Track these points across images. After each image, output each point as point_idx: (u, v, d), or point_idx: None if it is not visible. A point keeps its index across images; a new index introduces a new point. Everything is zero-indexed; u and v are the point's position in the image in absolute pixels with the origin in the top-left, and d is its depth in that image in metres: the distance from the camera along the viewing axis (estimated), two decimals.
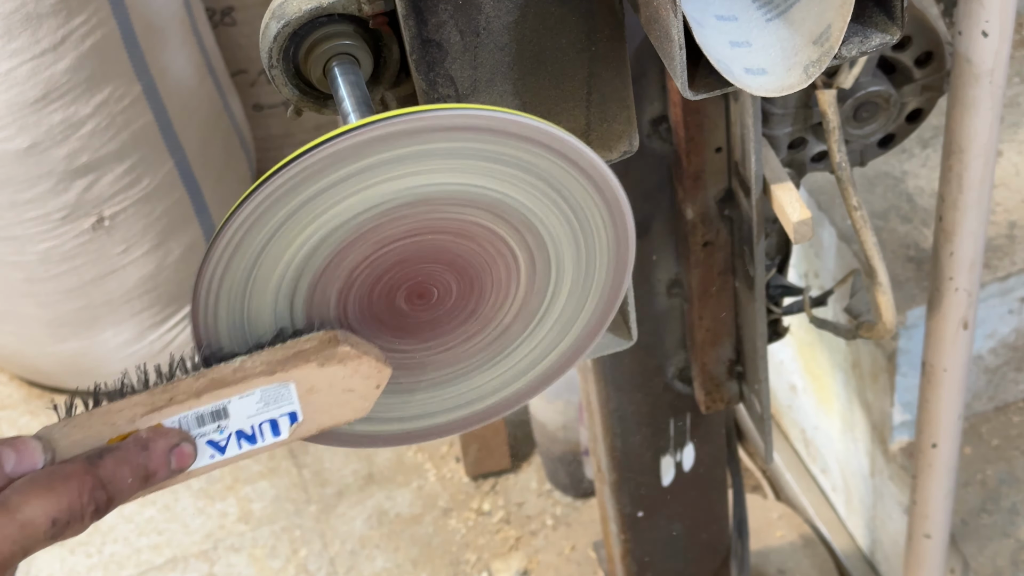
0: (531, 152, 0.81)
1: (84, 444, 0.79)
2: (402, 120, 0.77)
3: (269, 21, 0.90)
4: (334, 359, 0.83)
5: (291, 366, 0.82)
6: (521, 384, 0.95)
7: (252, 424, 0.83)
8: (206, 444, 0.82)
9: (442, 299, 0.88)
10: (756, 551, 1.96)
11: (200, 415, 0.81)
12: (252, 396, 0.82)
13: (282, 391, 0.82)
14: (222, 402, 0.81)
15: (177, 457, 0.81)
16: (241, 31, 2.54)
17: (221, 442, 0.82)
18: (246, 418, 0.82)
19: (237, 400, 0.82)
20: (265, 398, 0.82)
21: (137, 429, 0.80)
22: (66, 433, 0.79)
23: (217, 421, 0.82)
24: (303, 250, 0.82)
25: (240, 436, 0.83)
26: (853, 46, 0.85)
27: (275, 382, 0.82)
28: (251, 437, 0.83)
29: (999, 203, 1.73)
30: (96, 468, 0.77)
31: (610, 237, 0.88)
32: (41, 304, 2.33)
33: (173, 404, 0.80)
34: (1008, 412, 1.81)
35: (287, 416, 0.83)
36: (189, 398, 0.81)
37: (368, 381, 0.85)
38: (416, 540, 2.25)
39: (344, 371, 0.84)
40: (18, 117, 2.06)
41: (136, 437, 0.79)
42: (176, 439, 0.81)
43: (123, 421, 0.80)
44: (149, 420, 0.80)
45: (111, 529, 2.33)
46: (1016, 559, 1.69)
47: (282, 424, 0.83)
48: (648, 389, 1.40)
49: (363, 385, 0.85)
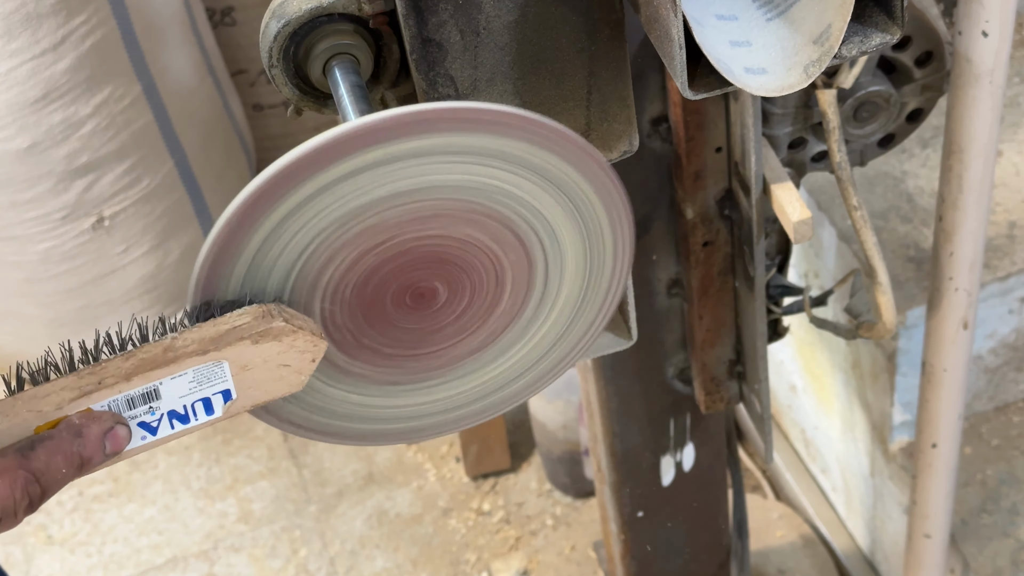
0: (531, 150, 0.81)
1: (10, 433, 0.76)
2: (402, 118, 0.77)
3: (269, 21, 0.90)
4: (269, 335, 0.80)
5: (224, 344, 0.79)
6: (520, 383, 0.95)
7: (184, 404, 0.80)
8: (137, 426, 0.79)
9: (443, 297, 0.88)
10: (756, 551, 1.96)
11: (130, 398, 0.79)
12: (184, 376, 0.79)
13: (215, 370, 0.80)
14: (153, 384, 0.79)
15: (111, 441, 0.78)
16: (241, 31, 2.54)
17: (153, 423, 0.80)
18: (178, 398, 0.80)
19: (169, 381, 0.79)
20: (197, 378, 0.79)
21: (65, 415, 0.77)
22: None
23: (148, 403, 0.79)
24: (303, 247, 0.82)
25: (172, 416, 0.80)
26: (853, 46, 0.85)
27: (208, 361, 0.79)
28: (183, 417, 0.81)
29: (999, 203, 1.73)
30: (28, 461, 0.74)
31: (610, 236, 0.88)
32: (41, 304, 2.33)
33: (102, 388, 0.77)
34: (1008, 412, 1.81)
35: (220, 395, 0.81)
36: (118, 381, 0.78)
37: (304, 355, 0.82)
38: (416, 540, 2.25)
39: (279, 347, 0.80)
40: (18, 117, 2.06)
41: (68, 424, 0.77)
42: (109, 423, 0.78)
43: (50, 407, 0.77)
44: (78, 405, 0.77)
45: (111, 529, 2.33)
46: (1016, 559, 1.69)
47: (215, 402, 0.81)
48: (648, 389, 1.40)
49: (298, 360, 0.82)
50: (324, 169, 0.78)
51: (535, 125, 0.80)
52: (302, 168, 0.77)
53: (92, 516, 2.36)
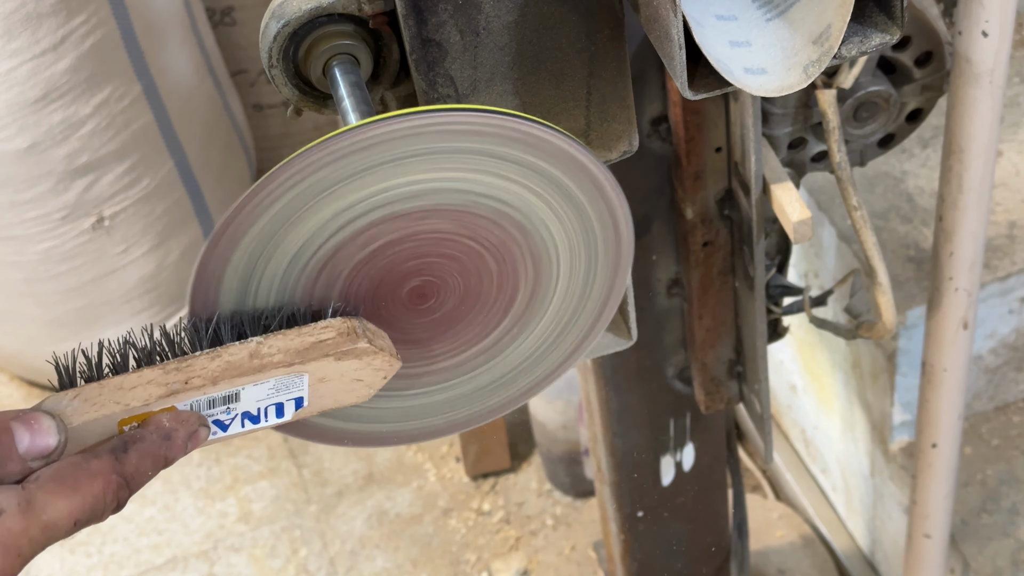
0: (530, 153, 0.82)
1: (96, 426, 0.76)
2: (401, 120, 0.78)
3: (269, 21, 0.90)
4: (352, 354, 0.81)
5: (309, 358, 0.81)
6: (521, 384, 0.95)
7: (259, 407, 0.82)
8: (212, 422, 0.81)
9: (443, 299, 0.88)
10: (756, 551, 1.96)
11: (212, 399, 0.80)
12: (266, 384, 0.81)
13: (295, 380, 0.81)
14: (236, 389, 0.80)
15: (193, 441, 0.79)
16: (241, 31, 2.54)
17: (227, 421, 0.81)
18: (255, 402, 0.81)
19: (251, 387, 0.80)
20: (278, 386, 0.81)
21: (151, 412, 0.78)
22: (76, 408, 0.76)
23: (227, 404, 0.80)
24: (305, 245, 0.82)
25: (246, 416, 0.82)
26: (853, 46, 0.85)
27: (292, 373, 0.81)
28: (255, 418, 0.82)
29: (999, 203, 1.73)
30: (123, 465, 0.75)
31: (609, 237, 0.88)
32: (41, 304, 2.33)
33: (189, 388, 0.79)
34: (1008, 412, 1.81)
35: (293, 401, 0.82)
36: (205, 383, 0.79)
37: (378, 373, 0.83)
38: (416, 540, 2.25)
39: (358, 364, 0.82)
40: (18, 117, 2.06)
41: (159, 425, 0.78)
42: (195, 425, 0.79)
43: (137, 403, 0.77)
44: (163, 403, 0.78)
45: (111, 529, 2.33)
46: (1016, 559, 1.69)
47: (287, 408, 0.82)
48: (648, 389, 1.40)
49: (372, 376, 0.83)
50: (327, 167, 0.78)
51: (532, 130, 0.80)
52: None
53: None
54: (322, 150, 0.77)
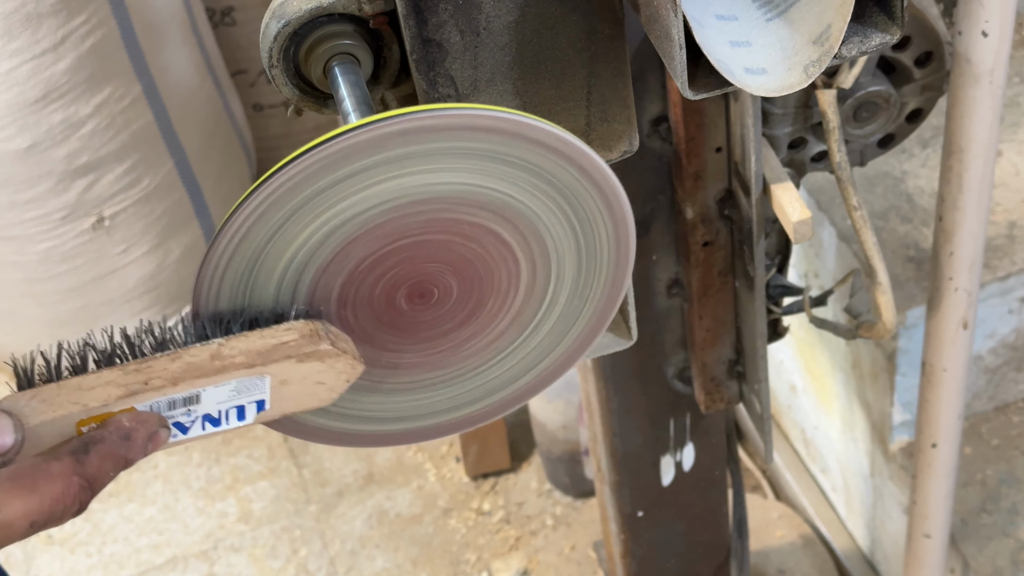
0: (531, 151, 0.82)
1: (54, 427, 0.76)
2: (402, 120, 0.78)
3: (269, 21, 0.90)
4: (314, 356, 0.81)
5: (271, 360, 0.80)
6: (521, 383, 0.95)
7: (220, 409, 0.81)
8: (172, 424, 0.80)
9: (443, 298, 0.88)
10: (756, 551, 1.96)
11: (173, 400, 0.79)
12: (227, 386, 0.80)
13: (257, 382, 0.81)
14: (197, 390, 0.79)
15: (153, 442, 0.79)
16: (241, 31, 2.54)
17: (187, 424, 0.81)
18: (216, 404, 0.81)
19: (212, 388, 0.80)
20: (239, 388, 0.81)
21: (110, 412, 0.77)
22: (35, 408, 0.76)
23: (188, 406, 0.80)
24: (307, 246, 0.82)
25: (206, 419, 0.81)
26: (853, 46, 0.85)
27: (254, 375, 0.80)
28: (215, 421, 0.81)
29: (999, 203, 1.73)
30: (84, 467, 0.75)
31: (610, 237, 0.88)
32: (41, 304, 2.33)
33: (149, 390, 0.78)
34: (1008, 412, 1.81)
35: (255, 403, 0.82)
36: (165, 384, 0.78)
37: (340, 376, 0.83)
38: (416, 540, 2.25)
39: (321, 366, 0.82)
40: (18, 117, 2.06)
41: (118, 426, 0.77)
42: (155, 426, 0.79)
43: (96, 403, 0.77)
44: (122, 404, 0.77)
45: (111, 529, 2.33)
46: (1016, 559, 1.69)
47: (248, 410, 0.82)
48: (648, 389, 1.40)
49: (335, 379, 0.83)
50: (332, 168, 0.78)
51: (533, 130, 0.80)
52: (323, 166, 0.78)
53: (92, 516, 2.36)
54: (322, 150, 0.77)
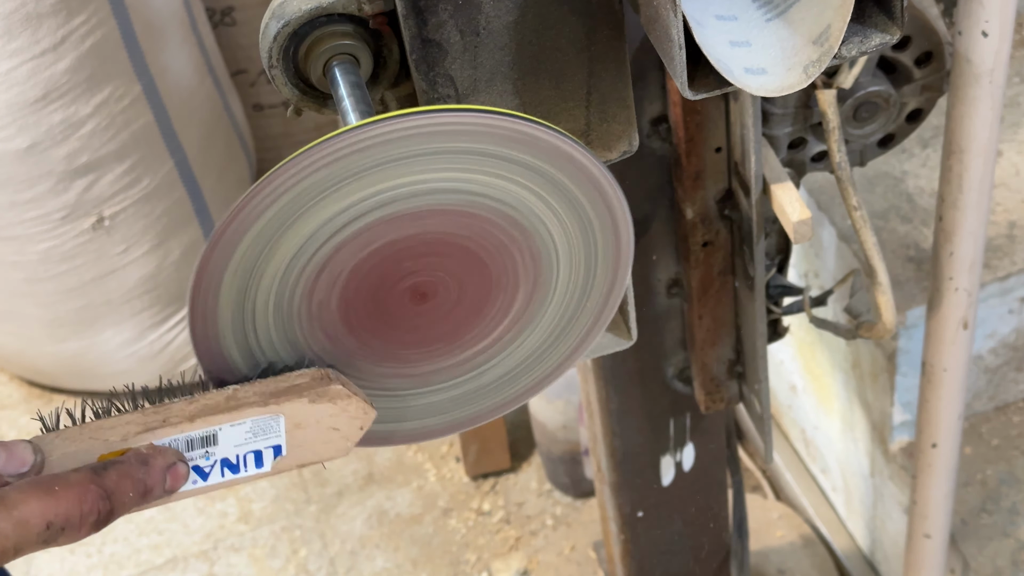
0: (530, 152, 0.82)
1: (76, 457, 0.79)
2: (401, 121, 0.78)
3: (269, 21, 0.90)
4: (326, 396, 0.84)
5: (284, 399, 0.83)
6: (521, 384, 0.95)
7: (238, 453, 0.83)
8: (191, 469, 0.83)
9: (443, 298, 0.88)
10: (756, 551, 1.96)
11: (191, 439, 0.82)
12: (243, 425, 0.83)
13: (272, 423, 0.83)
14: (214, 428, 0.82)
15: (172, 476, 0.81)
16: (241, 31, 2.54)
17: (206, 468, 0.83)
18: (233, 447, 0.83)
19: (228, 428, 0.82)
20: (255, 428, 0.83)
21: (130, 447, 0.80)
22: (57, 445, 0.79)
23: (206, 447, 0.82)
24: (304, 246, 0.82)
25: (224, 464, 0.83)
26: (853, 46, 0.85)
27: (267, 414, 0.83)
28: (235, 467, 0.84)
29: (999, 203, 1.73)
30: (101, 479, 0.77)
31: (609, 237, 0.88)
32: (41, 304, 2.33)
33: (167, 426, 0.81)
34: (1008, 412, 1.81)
35: (272, 449, 0.84)
36: (182, 421, 0.81)
37: (354, 421, 0.85)
38: (416, 540, 2.25)
39: (333, 409, 0.84)
40: (18, 117, 2.06)
41: (136, 452, 0.80)
42: (173, 458, 0.81)
43: (116, 438, 0.80)
44: (141, 439, 0.81)
45: (111, 529, 2.34)
46: (1016, 559, 1.69)
47: (266, 456, 0.84)
48: (648, 389, 1.40)
49: (348, 425, 0.85)
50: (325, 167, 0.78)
51: (532, 130, 0.80)
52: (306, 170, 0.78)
53: None
54: (322, 150, 0.77)
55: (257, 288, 0.83)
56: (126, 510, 0.79)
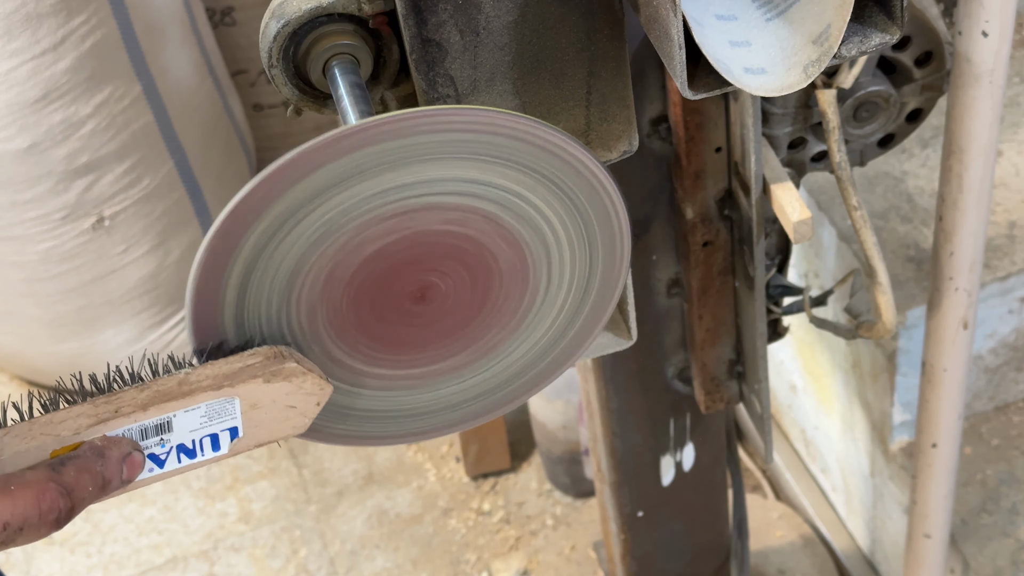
0: (528, 152, 0.82)
1: (28, 455, 0.77)
2: (401, 120, 0.77)
3: (269, 21, 0.90)
4: (280, 375, 0.82)
5: (238, 381, 0.81)
6: (520, 383, 0.95)
7: (194, 439, 0.82)
8: (147, 457, 0.81)
9: (441, 299, 0.88)
10: (756, 551, 1.96)
11: (144, 428, 0.80)
12: (197, 410, 0.81)
13: (226, 406, 0.81)
14: (167, 415, 0.80)
15: (128, 466, 0.80)
16: (241, 31, 2.54)
17: (162, 456, 0.81)
18: (188, 432, 0.81)
19: (182, 414, 0.81)
20: (209, 412, 0.81)
21: (83, 441, 0.78)
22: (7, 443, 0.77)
23: (160, 435, 0.81)
24: (305, 247, 0.82)
25: (181, 450, 0.82)
26: (853, 46, 0.85)
27: (221, 397, 0.81)
28: (191, 452, 0.82)
29: (999, 203, 1.73)
30: (59, 475, 0.75)
31: (608, 237, 0.88)
32: (41, 304, 2.33)
33: (119, 416, 0.79)
34: (1008, 412, 1.81)
35: (228, 431, 0.82)
36: (135, 410, 0.79)
37: (310, 398, 0.84)
38: (416, 540, 2.25)
39: (289, 387, 0.83)
40: (18, 117, 2.06)
41: (91, 445, 0.78)
42: (128, 448, 0.79)
43: (68, 432, 0.78)
44: (94, 432, 0.78)
45: (111, 529, 2.33)
46: (1016, 559, 1.69)
47: (222, 439, 0.83)
48: (648, 389, 1.40)
49: (305, 402, 0.84)
50: (323, 167, 0.78)
51: (530, 132, 0.80)
52: (301, 167, 0.77)
53: (92, 516, 2.36)
54: (321, 150, 0.77)
55: (257, 290, 0.83)
56: (87, 504, 0.78)
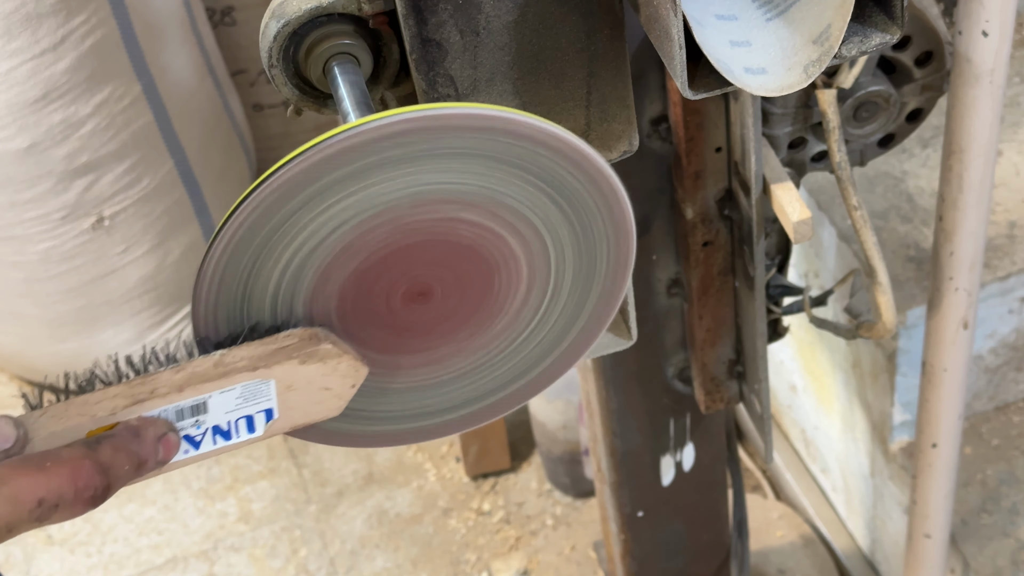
0: (531, 151, 0.81)
1: (63, 435, 0.77)
2: (401, 119, 0.77)
3: (269, 21, 0.90)
4: (316, 356, 0.82)
5: (273, 362, 0.81)
6: (521, 384, 0.95)
7: (229, 420, 0.81)
8: (183, 438, 0.81)
9: (443, 299, 0.88)
10: (756, 551, 1.96)
11: (180, 409, 0.80)
12: (232, 392, 0.80)
13: (262, 387, 0.81)
14: (203, 396, 0.80)
15: (164, 446, 0.79)
16: (241, 31, 2.54)
17: (197, 437, 0.81)
18: (224, 413, 0.81)
19: (218, 395, 0.80)
20: (245, 394, 0.81)
21: (118, 422, 0.78)
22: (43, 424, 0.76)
23: (196, 416, 0.80)
24: (304, 248, 0.82)
25: (216, 432, 0.81)
26: (853, 46, 0.85)
27: (256, 378, 0.80)
28: (226, 433, 0.82)
29: (999, 203, 1.73)
30: (96, 453, 0.75)
31: (611, 237, 0.88)
32: (41, 304, 2.33)
33: (155, 397, 0.79)
34: (1008, 412, 1.81)
35: (263, 413, 0.82)
36: (171, 391, 0.79)
37: (345, 380, 0.83)
38: (416, 540, 2.25)
39: (324, 369, 0.82)
40: (18, 117, 2.06)
41: (127, 425, 0.78)
42: (163, 429, 0.79)
43: (104, 412, 0.78)
44: (130, 412, 0.78)
45: (111, 529, 2.33)
46: (1016, 559, 1.69)
47: (258, 421, 0.82)
48: (648, 389, 1.40)
49: (340, 384, 0.83)
50: (327, 173, 0.78)
51: (532, 129, 0.80)
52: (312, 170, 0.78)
53: (92, 516, 2.36)
54: (321, 149, 0.77)
55: (258, 289, 0.83)
56: (123, 484, 0.77)
